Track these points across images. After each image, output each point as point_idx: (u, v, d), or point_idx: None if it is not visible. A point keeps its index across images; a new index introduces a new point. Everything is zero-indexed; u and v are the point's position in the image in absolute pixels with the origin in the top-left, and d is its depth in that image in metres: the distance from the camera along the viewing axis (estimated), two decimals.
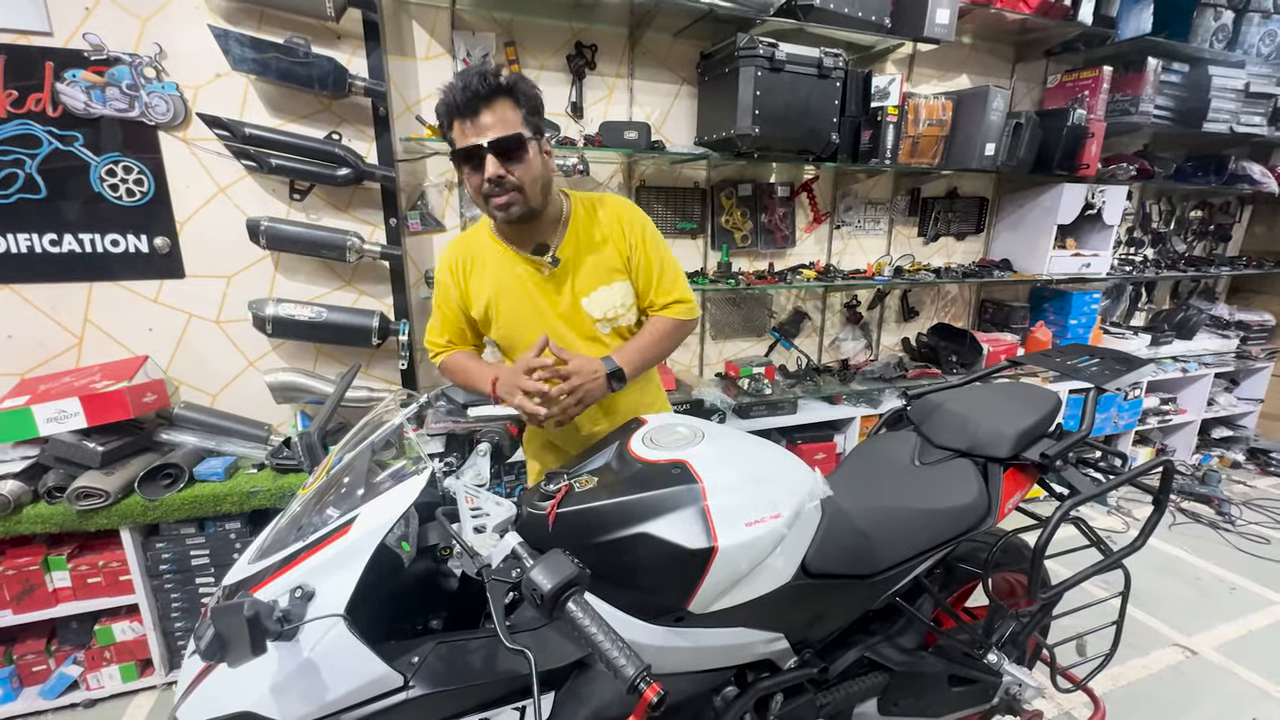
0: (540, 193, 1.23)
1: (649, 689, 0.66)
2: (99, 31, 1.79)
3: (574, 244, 1.32)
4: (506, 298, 1.33)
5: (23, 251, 1.86)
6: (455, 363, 1.41)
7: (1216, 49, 2.97)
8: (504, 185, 1.17)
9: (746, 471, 1.00)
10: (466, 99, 1.11)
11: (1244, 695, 2.03)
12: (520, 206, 1.20)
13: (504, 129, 1.13)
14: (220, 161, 1.97)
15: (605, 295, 1.33)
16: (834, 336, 3.07)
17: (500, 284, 1.32)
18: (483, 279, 1.34)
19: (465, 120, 1.13)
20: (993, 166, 2.65)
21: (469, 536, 0.89)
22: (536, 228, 1.29)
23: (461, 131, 1.15)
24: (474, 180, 1.18)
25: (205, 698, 0.80)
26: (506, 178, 1.16)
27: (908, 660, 1.30)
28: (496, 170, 1.15)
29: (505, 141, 1.14)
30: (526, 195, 1.20)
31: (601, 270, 1.33)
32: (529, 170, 1.18)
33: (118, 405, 1.76)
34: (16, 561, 1.76)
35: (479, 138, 1.13)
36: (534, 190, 1.21)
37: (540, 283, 1.32)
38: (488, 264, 1.33)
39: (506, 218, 1.22)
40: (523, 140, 1.16)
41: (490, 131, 1.13)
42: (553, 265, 1.30)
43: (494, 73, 1.13)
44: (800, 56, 2.15)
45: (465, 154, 1.15)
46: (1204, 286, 4.11)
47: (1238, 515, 3.20)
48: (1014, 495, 1.32)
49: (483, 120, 1.12)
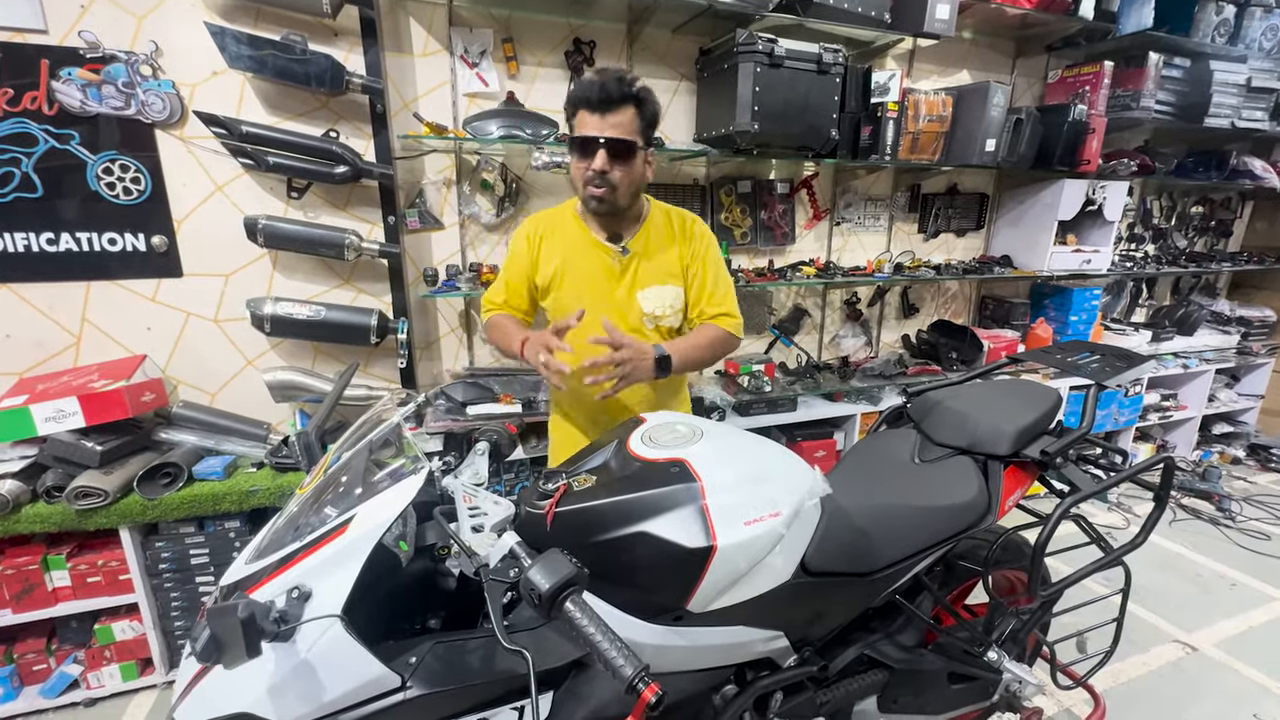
0: (631, 195, 1.37)
1: (647, 689, 0.66)
2: (95, 29, 1.78)
3: (644, 241, 1.44)
4: (572, 272, 1.44)
5: (20, 251, 1.86)
6: (498, 322, 1.51)
7: (1218, 43, 2.97)
8: (604, 180, 1.29)
9: (745, 470, 0.99)
10: (600, 96, 1.24)
11: (1244, 692, 2.03)
12: (610, 203, 1.34)
13: (621, 132, 1.27)
14: (217, 160, 1.96)
15: (659, 293, 1.44)
16: (834, 333, 3.06)
17: (570, 259, 1.44)
18: (555, 249, 1.45)
19: (592, 113, 1.26)
20: (993, 162, 2.64)
21: (467, 536, 0.89)
22: (618, 221, 1.43)
23: (584, 122, 1.28)
24: (580, 166, 1.31)
25: (203, 698, 0.79)
26: (609, 174, 1.29)
27: (907, 658, 1.30)
28: (603, 165, 1.27)
29: (619, 144, 1.27)
30: (619, 194, 1.33)
31: (661, 270, 1.44)
32: (630, 174, 1.32)
33: (116, 404, 1.76)
34: (16, 561, 1.75)
35: (601, 132, 1.26)
36: (626, 192, 1.34)
37: (606, 268, 1.43)
38: (564, 238, 1.45)
39: (596, 208, 1.36)
40: (634, 147, 1.29)
41: (609, 130, 1.26)
42: (622, 254, 1.42)
43: (630, 81, 1.27)
44: (800, 52, 2.14)
45: (581, 143, 1.28)
46: (1205, 282, 4.10)
47: (1238, 511, 3.20)
48: (1014, 493, 1.32)
49: (607, 119, 1.26)
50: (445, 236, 2.29)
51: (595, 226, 1.44)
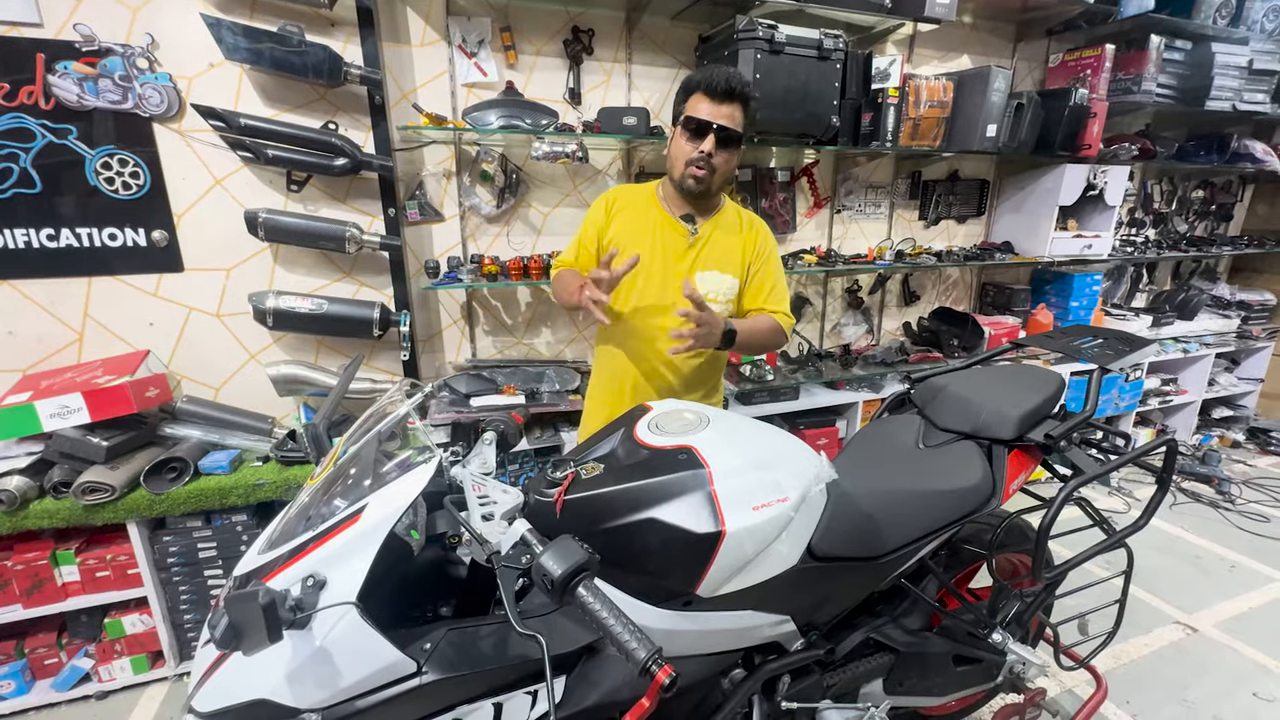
0: (721, 182, 1.48)
1: (661, 671, 0.67)
2: (90, 22, 1.77)
3: (713, 227, 1.54)
4: (638, 242, 1.51)
5: (20, 247, 1.85)
6: (562, 274, 1.58)
7: (1220, 25, 2.95)
8: (709, 163, 1.40)
9: (752, 456, 1.00)
10: (724, 87, 1.35)
11: (1244, 671, 2.06)
12: (707, 184, 1.44)
13: (733, 123, 1.38)
14: (216, 153, 1.95)
15: (715, 279, 1.51)
16: (835, 321, 3.06)
17: (640, 230, 1.52)
18: (628, 219, 1.54)
19: (710, 100, 1.37)
20: (994, 148, 2.63)
21: (477, 524, 0.90)
22: (699, 205, 1.52)
23: (699, 107, 1.38)
24: (688, 146, 1.41)
25: (220, 687, 0.80)
26: (714, 158, 1.40)
27: (913, 641, 1.31)
28: (712, 148, 1.38)
29: (731, 133, 1.39)
30: (714, 179, 1.44)
31: (723, 258, 1.53)
32: (728, 163, 1.45)
33: (120, 400, 1.76)
34: (25, 556, 1.76)
35: (715, 119, 1.37)
36: (721, 179, 1.46)
37: (673, 245, 1.52)
38: (639, 212, 1.55)
39: (694, 188, 1.45)
40: (739, 138, 1.42)
41: (724, 119, 1.37)
42: (691, 234, 1.51)
43: (748, 83, 1.39)
44: (800, 38, 2.13)
45: (696, 125, 1.38)
46: (1205, 267, 4.10)
47: (1238, 494, 3.22)
48: (1018, 476, 1.33)
49: (724, 109, 1.37)
50: (446, 228, 2.29)
51: (673, 206, 1.53)
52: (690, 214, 1.52)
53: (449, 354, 2.42)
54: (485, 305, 2.42)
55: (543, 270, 2.17)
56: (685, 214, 1.52)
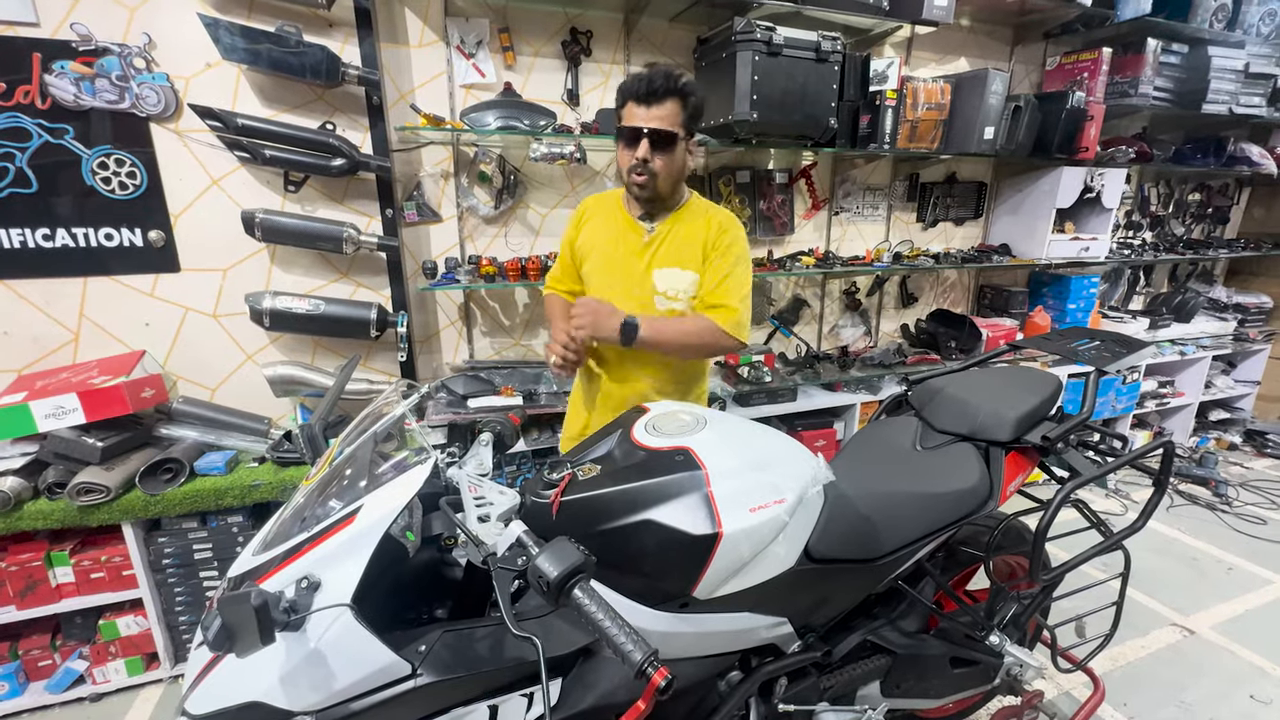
0: (671, 183, 1.44)
1: (657, 673, 0.67)
2: (86, 21, 1.76)
3: (672, 224, 1.50)
4: (600, 247, 1.53)
5: (15, 247, 1.84)
6: (549, 301, 1.68)
7: (1216, 29, 2.95)
8: (646, 168, 1.38)
9: (749, 457, 1.00)
10: (648, 90, 1.32)
11: (1241, 673, 2.06)
12: (650, 190, 1.42)
13: (664, 124, 1.35)
14: (213, 153, 1.95)
15: (674, 275, 1.49)
16: (833, 323, 3.07)
17: (604, 235, 1.54)
18: (594, 226, 1.56)
19: (639, 105, 1.35)
20: (991, 150, 2.63)
21: (473, 525, 0.89)
22: (656, 206, 1.51)
23: (632, 114, 1.36)
24: (625, 155, 1.40)
25: (213, 689, 0.80)
26: (650, 163, 1.37)
27: (910, 643, 1.31)
28: (645, 154, 1.36)
29: (661, 134, 1.35)
30: (658, 182, 1.41)
31: (682, 255, 1.49)
32: (670, 163, 1.39)
33: (116, 400, 1.75)
34: (19, 558, 1.75)
35: (644, 123, 1.34)
36: (666, 180, 1.42)
37: (633, 245, 1.51)
38: (606, 217, 1.56)
39: (638, 194, 1.45)
40: (675, 138, 1.37)
41: (654, 122, 1.34)
42: (648, 232, 1.50)
43: (676, 76, 1.34)
44: (798, 40, 2.13)
45: (626, 133, 1.37)
46: (1202, 269, 4.11)
47: (1234, 497, 3.23)
48: (1016, 478, 1.33)
49: (652, 111, 1.34)
50: (444, 229, 2.29)
51: (634, 209, 1.53)
52: (648, 214, 1.51)
53: (446, 355, 2.42)
54: (483, 306, 2.42)
55: (540, 272, 2.17)
56: (644, 214, 1.51)
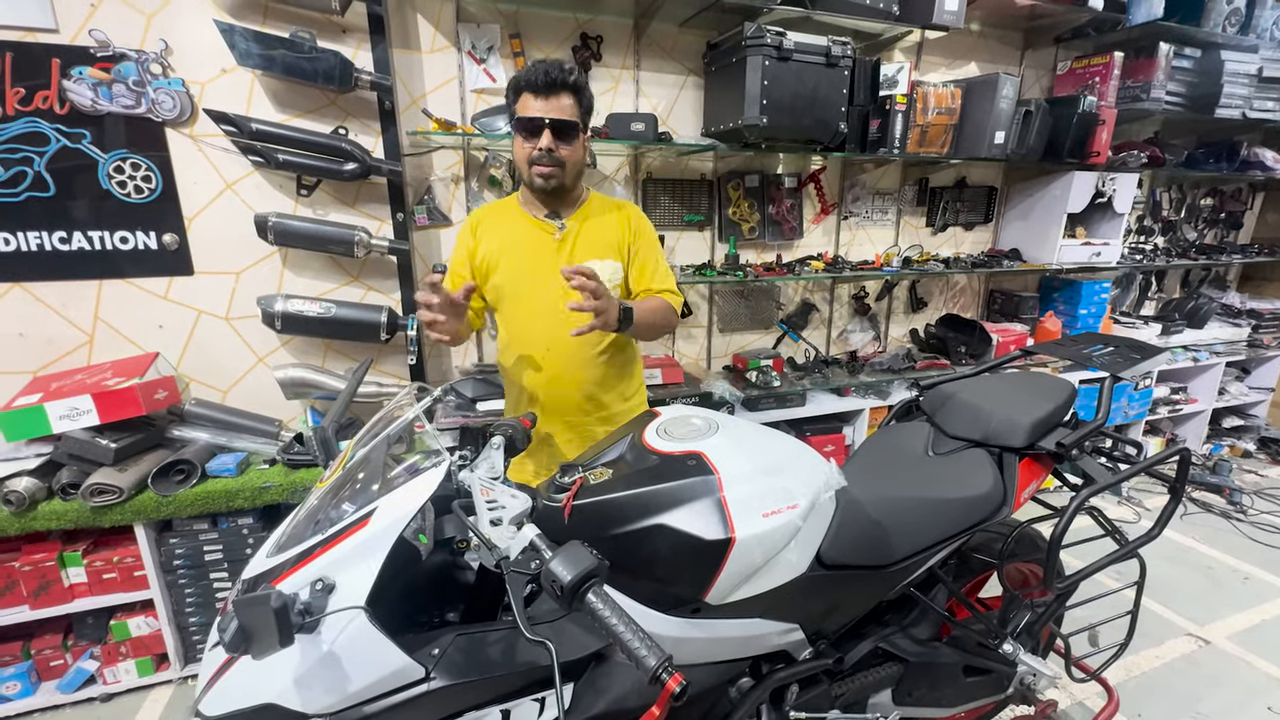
0: (574, 175, 1.47)
1: (671, 679, 0.66)
2: (105, 28, 1.79)
3: (582, 219, 1.52)
4: (511, 253, 1.50)
5: (33, 250, 1.87)
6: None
7: (1229, 33, 2.93)
8: (551, 158, 1.38)
9: (762, 462, 1.00)
10: (545, 81, 1.33)
11: (1258, 684, 2.03)
12: (558, 180, 1.42)
13: (565, 114, 1.36)
14: (227, 157, 1.97)
15: (598, 267, 1.47)
16: (842, 328, 3.06)
17: (510, 240, 1.50)
18: (495, 234, 1.52)
19: (537, 97, 1.35)
20: (1002, 155, 2.62)
21: (485, 529, 0.89)
22: (559, 202, 1.50)
23: (529, 105, 1.36)
24: (526, 147, 1.39)
25: (227, 691, 0.80)
26: (556, 152, 1.38)
27: (922, 651, 1.30)
28: (550, 143, 1.36)
29: (564, 124, 1.37)
30: (565, 172, 1.42)
31: (599, 245, 1.50)
32: (574, 153, 1.42)
33: (130, 402, 1.77)
34: (33, 558, 1.77)
35: (545, 114, 1.35)
36: (571, 171, 1.44)
37: (547, 245, 1.49)
38: (505, 223, 1.53)
39: (544, 185, 1.43)
40: (577, 128, 1.40)
41: (554, 113, 1.35)
42: (560, 229, 1.49)
43: (571, 70, 1.36)
44: (808, 45, 2.13)
45: (528, 124, 1.36)
46: (1215, 275, 4.07)
47: (1249, 505, 3.19)
48: (1029, 485, 1.31)
49: (550, 102, 1.35)
50: (454, 233, 2.29)
51: (535, 208, 1.51)
52: (553, 212, 1.50)
53: (455, 358, 2.42)
54: None
55: None
56: (548, 213, 1.50)
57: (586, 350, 1.49)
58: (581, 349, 1.48)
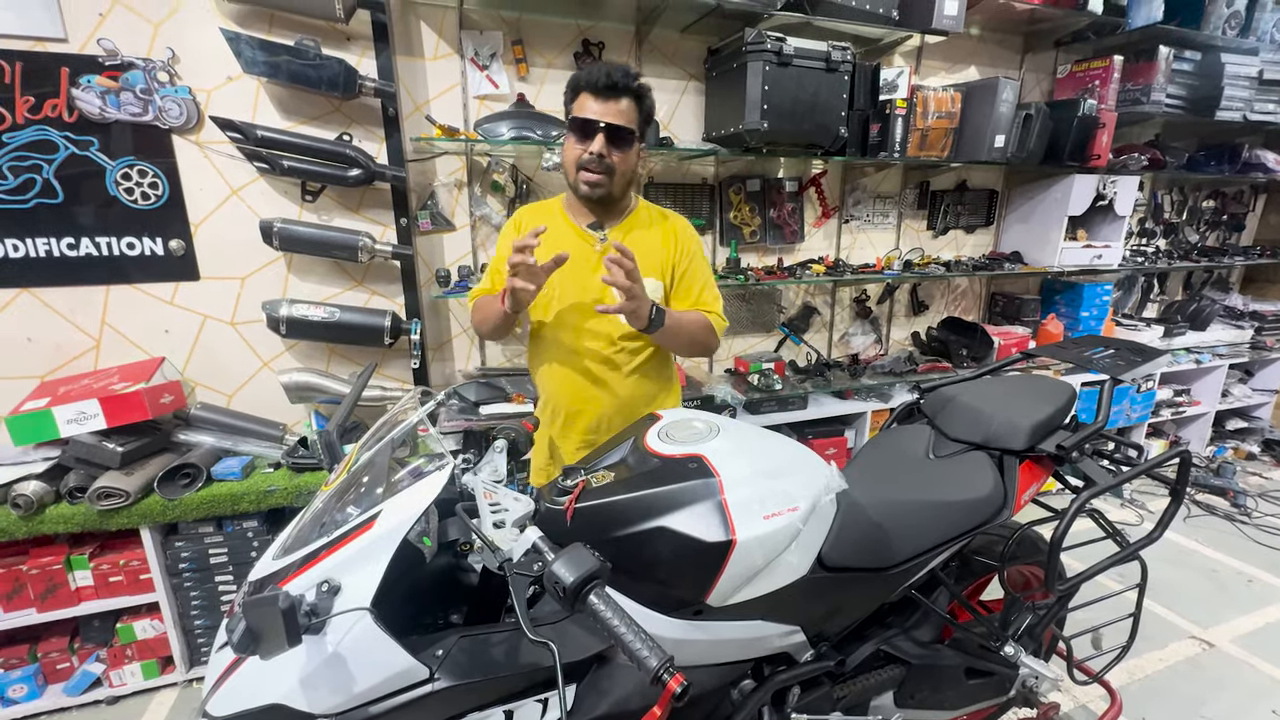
0: (623, 185, 1.39)
1: (672, 679, 0.67)
2: (112, 37, 1.81)
3: (626, 231, 1.43)
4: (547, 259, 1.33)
5: (41, 255, 1.89)
6: (478, 303, 1.51)
7: (1229, 36, 2.94)
8: (602, 164, 1.31)
9: (763, 465, 1.00)
10: (607, 82, 1.27)
11: (1262, 687, 2.02)
12: (605, 189, 1.35)
13: (623, 120, 1.30)
14: (233, 164, 1.99)
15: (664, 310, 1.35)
16: (843, 331, 3.06)
17: (548, 245, 1.33)
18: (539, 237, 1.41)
19: (596, 98, 1.28)
20: (1002, 158, 2.63)
21: (489, 531, 0.90)
22: (605, 211, 1.42)
23: (585, 106, 1.29)
24: (577, 149, 1.31)
25: (234, 691, 0.81)
26: (607, 159, 1.31)
27: (924, 653, 1.30)
28: (602, 148, 1.29)
29: (620, 130, 1.30)
30: (614, 181, 1.35)
31: (641, 261, 1.33)
32: (626, 161, 1.34)
33: (136, 406, 1.78)
34: (40, 561, 1.78)
35: (602, 117, 1.28)
36: (621, 180, 1.36)
37: (586, 256, 1.40)
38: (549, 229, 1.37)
39: (589, 194, 1.35)
40: (633, 135, 1.32)
41: (611, 116, 1.28)
42: (601, 240, 1.39)
43: (634, 75, 1.30)
44: (808, 50, 2.15)
45: (583, 125, 1.29)
46: (1217, 277, 4.07)
47: (1253, 507, 3.18)
48: (1030, 487, 1.32)
49: (609, 105, 1.28)
50: (457, 238, 2.31)
51: (579, 215, 1.43)
52: (597, 221, 1.41)
53: (459, 362, 2.44)
54: None
55: None
56: (593, 222, 1.41)
57: (619, 365, 1.42)
58: (614, 363, 1.41)
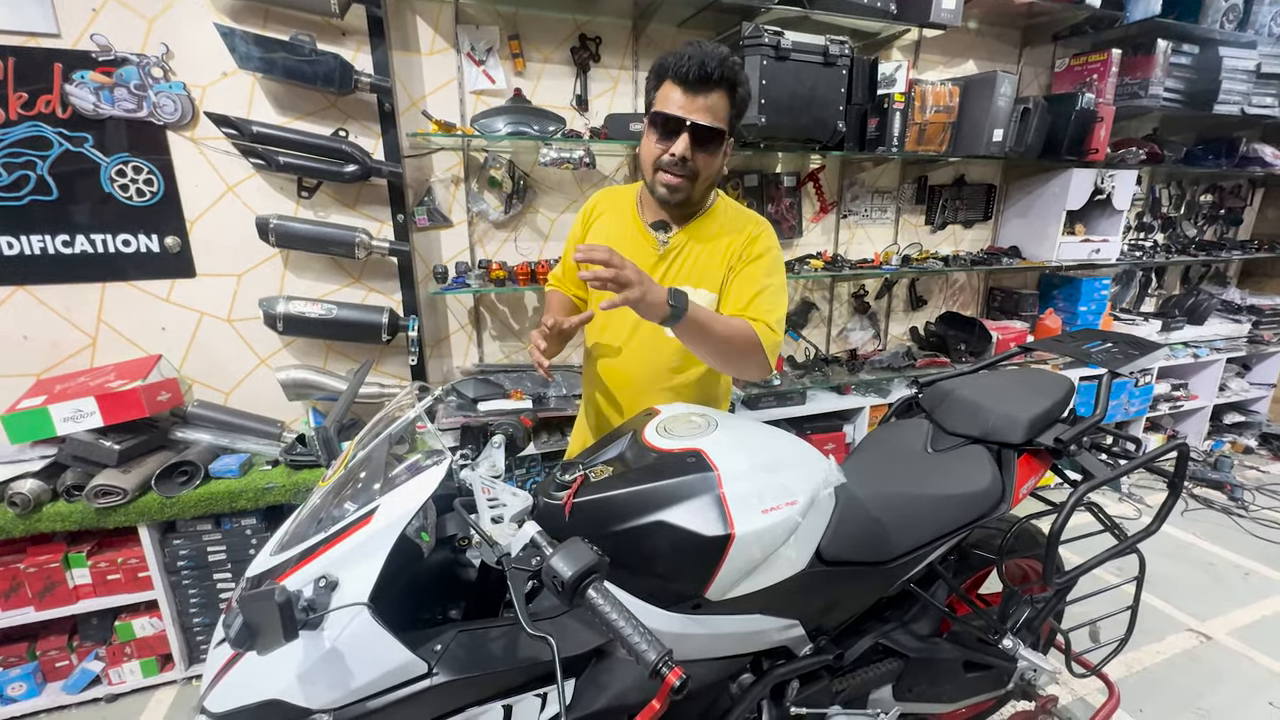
0: (705, 190, 1.26)
1: (671, 673, 0.67)
2: (106, 32, 1.80)
3: (690, 236, 1.30)
4: None
5: (36, 253, 1.88)
6: (547, 298, 1.51)
7: (1227, 30, 2.94)
8: (685, 167, 1.17)
9: (761, 459, 1.00)
10: (697, 74, 1.10)
11: (1260, 680, 2.03)
12: (684, 194, 1.21)
13: (712, 119, 1.14)
14: (228, 160, 1.98)
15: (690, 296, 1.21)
16: (842, 326, 3.06)
17: (612, 237, 1.33)
18: (604, 227, 1.37)
19: (684, 91, 1.12)
20: (1000, 153, 2.63)
21: (487, 526, 0.90)
22: (677, 211, 1.30)
23: (669, 99, 1.14)
24: (657, 147, 1.18)
25: (232, 687, 0.81)
26: (690, 162, 1.16)
27: (923, 646, 1.30)
28: (685, 150, 1.15)
29: (708, 130, 1.14)
30: (695, 186, 1.21)
31: (699, 271, 1.29)
32: (710, 164, 1.20)
33: (133, 404, 1.78)
34: (37, 559, 1.78)
35: (688, 114, 1.12)
36: (703, 185, 1.23)
37: (645, 256, 1.30)
38: (616, 219, 1.36)
39: (666, 198, 1.23)
40: (722, 136, 1.17)
41: (700, 114, 1.12)
42: (662, 244, 1.30)
43: (731, 62, 1.12)
44: (806, 45, 2.14)
45: (665, 121, 1.14)
46: (1215, 271, 4.07)
47: (1251, 501, 3.19)
48: (1028, 480, 1.32)
49: (699, 100, 1.12)
50: (454, 234, 2.30)
51: (648, 213, 1.32)
52: (664, 220, 1.30)
53: (456, 359, 2.43)
54: (492, 310, 2.44)
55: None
56: (658, 220, 1.30)
57: (664, 371, 1.32)
58: (659, 369, 1.32)
